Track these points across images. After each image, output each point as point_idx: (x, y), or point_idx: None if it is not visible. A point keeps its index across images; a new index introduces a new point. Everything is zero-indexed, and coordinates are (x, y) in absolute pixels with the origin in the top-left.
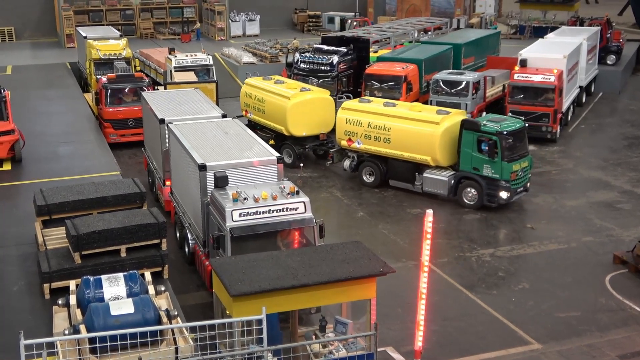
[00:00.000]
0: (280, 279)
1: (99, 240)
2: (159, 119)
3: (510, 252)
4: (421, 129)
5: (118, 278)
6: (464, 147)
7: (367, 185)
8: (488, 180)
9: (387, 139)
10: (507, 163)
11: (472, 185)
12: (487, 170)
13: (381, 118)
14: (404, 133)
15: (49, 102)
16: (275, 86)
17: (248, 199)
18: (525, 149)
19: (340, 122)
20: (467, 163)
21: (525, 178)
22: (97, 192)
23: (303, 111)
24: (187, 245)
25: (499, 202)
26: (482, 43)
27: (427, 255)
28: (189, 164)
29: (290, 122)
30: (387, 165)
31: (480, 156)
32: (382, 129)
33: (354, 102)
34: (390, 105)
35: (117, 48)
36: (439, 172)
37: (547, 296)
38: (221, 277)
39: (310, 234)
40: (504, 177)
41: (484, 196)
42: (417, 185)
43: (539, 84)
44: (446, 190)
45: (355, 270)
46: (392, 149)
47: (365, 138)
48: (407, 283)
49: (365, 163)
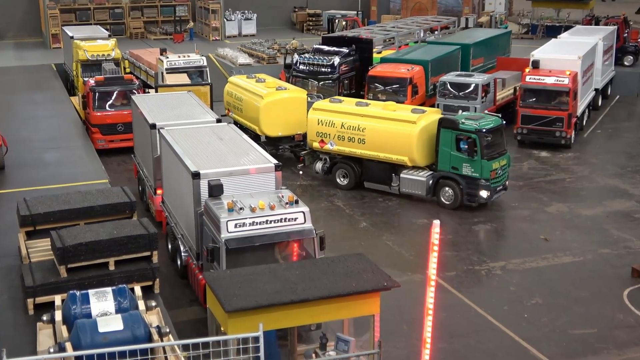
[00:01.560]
0: (279, 294)
1: (86, 252)
2: (150, 124)
3: (522, 265)
4: (397, 128)
5: (106, 293)
6: (442, 146)
7: (341, 187)
8: (468, 180)
9: (361, 140)
10: (486, 161)
11: (449, 185)
12: (466, 169)
13: (355, 118)
14: (379, 133)
15: (33, 105)
16: (252, 84)
17: (244, 209)
18: (504, 146)
19: (312, 123)
20: (445, 162)
21: (504, 176)
22: (84, 202)
23: (277, 111)
24: (179, 257)
25: (479, 202)
26: (491, 43)
27: (434, 269)
28: (182, 172)
29: (264, 121)
30: (362, 166)
31: (459, 155)
32: (356, 130)
33: (325, 102)
34: (363, 105)
35: (105, 49)
36: (416, 172)
37: (562, 312)
38: (215, 291)
39: (310, 246)
40: (483, 175)
41: (464, 196)
42: (394, 186)
43: (552, 87)
44: (424, 191)
45: (358, 285)
46: (367, 150)
47: (339, 139)
48: (413, 298)
49: (339, 165)
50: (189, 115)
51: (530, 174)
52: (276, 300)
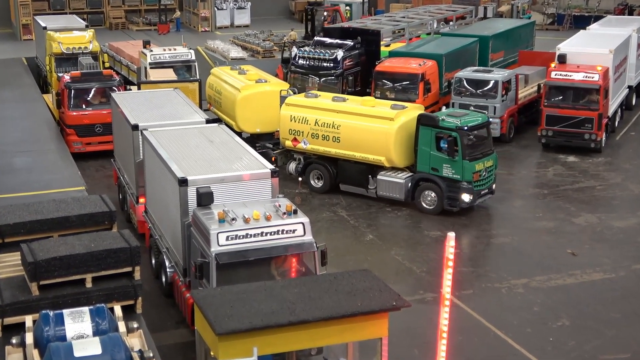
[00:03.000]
0: (275, 314)
1: (60, 267)
2: (132, 125)
3: (547, 282)
4: (374, 125)
5: (83, 313)
6: (421, 145)
7: (316, 190)
8: (448, 182)
9: (336, 138)
10: (468, 162)
11: (430, 188)
12: (447, 170)
13: (329, 114)
14: (355, 131)
15: (1, 104)
16: (232, 76)
17: (237, 220)
18: (490, 146)
19: (284, 119)
20: (425, 163)
21: (490, 179)
22: (58, 211)
23: (255, 105)
24: (164, 274)
25: (460, 206)
26: (513, 35)
27: (448, 287)
28: (167, 178)
29: (240, 116)
30: (337, 167)
31: (439, 155)
32: (330, 127)
33: (300, 97)
34: (340, 101)
35: (82, 41)
36: (394, 173)
37: (591, 335)
38: (205, 311)
39: (311, 261)
40: (465, 177)
41: (445, 199)
42: (371, 189)
43: (581, 84)
44: (403, 194)
45: (364, 304)
46: (342, 149)
47: (312, 137)
48: (425, 319)
49: (313, 165)
50: (175, 115)
51: (556, 181)
52: (272, 322)
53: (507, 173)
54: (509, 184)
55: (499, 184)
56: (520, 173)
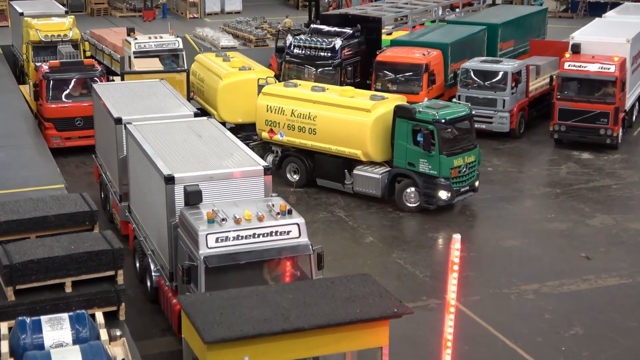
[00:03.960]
0: (268, 322)
1: (37, 271)
2: (115, 118)
3: (559, 288)
4: (350, 117)
5: (62, 320)
6: (397, 138)
7: (291, 185)
8: (425, 178)
9: (312, 130)
10: (446, 157)
11: (411, 184)
12: (423, 165)
13: (306, 105)
14: (331, 122)
15: None
16: (216, 63)
17: (227, 220)
18: (472, 141)
19: (261, 110)
20: (401, 157)
21: (471, 175)
22: (35, 211)
23: (238, 94)
24: (149, 278)
25: (437, 204)
26: (524, 23)
27: (453, 292)
28: (153, 176)
29: (222, 106)
30: (314, 161)
31: (416, 149)
32: (306, 118)
33: (278, 86)
34: (319, 90)
35: (61, 28)
36: (371, 168)
37: (606, 344)
38: (193, 318)
39: (306, 265)
40: (442, 173)
41: (421, 197)
42: (348, 184)
43: (596, 76)
44: (379, 190)
45: (363, 311)
46: (318, 142)
47: (289, 129)
48: (429, 327)
49: (290, 159)
50: (161, 108)
51: (569, 179)
52: (265, 330)
53: (517, 171)
54: (519, 183)
55: (508, 183)
56: (530, 171)
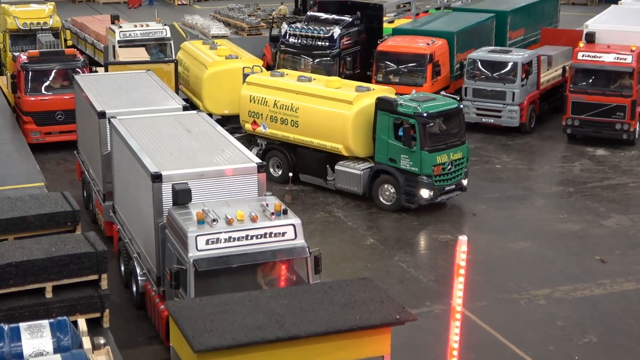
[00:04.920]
0: (261, 329)
1: (16, 275)
2: (98, 112)
3: (572, 293)
4: (331, 110)
5: (42, 327)
6: (379, 132)
7: (274, 180)
8: (407, 175)
9: (294, 122)
10: (427, 153)
11: (389, 181)
12: (404, 162)
13: (289, 96)
14: (313, 115)
15: None
16: (202, 51)
17: (218, 221)
18: (459, 136)
19: (244, 100)
20: (383, 153)
21: (458, 174)
22: (13, 211)
23: (224, 84)
24: (135, 282)
25: (419, 203)
26: (535, 10)
27: (459, 297)
28: (139, 173)
29: (207, 96)
30: (296, 155)
31: (397, 144)
32: (289, 109)
33: (263, 75)
34: (305, 81)
35: (41, 15)
36: (353, 164)
37: (622, 353)
38: (181, 326)
39: (303, 269)
40: (423, 170)
41: (402, 195)
42: (330, 180)
43: (612, 67)
44: (360, 187)
45: (363, 318)
46: (301, 135)
47: (271, 120)
48: (433, 334)
49: (272, 152)
50: (147, 101)
51: (583, 177)
52: (258, 338)
53: (527, 168)
54: (530, 181)
55: (518, 181)
56: (542, 168)
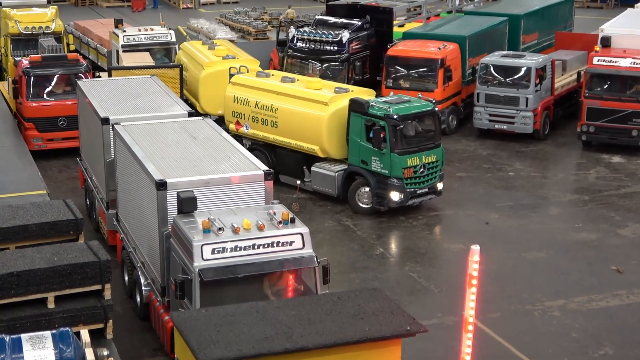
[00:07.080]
0: (269, 341)
1: (17, 285)
2: (102, 118)
3: (587, 304)
4: (308, 111)
5: (44, 338)
6: (351, 134)
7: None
8: (378, 178)
9: (274, 123)
10: (397, 155)
11: (366, 184)
12: (375, 164)
13: (269, 96)
14: (290, 115)
15: None
16: (200, 51)
17: (224, 230)
18: (434, 139)
19: (228, 100)
20: (355, 155)
21: (432, 177)
22: (15, 219)
23: (220, 84)
24: (139, 293)
25: (389, 205)
26: (549, 14)
27: (472, 309)
28: (143, 181)
29: (203, 96)
30: (276, 155)
31: (369, 146)
32: (269, 110)
33: (247, 76)
34: (288, 81)
35: (43, 19)
36: (329, 165)
37: None
38: (186, 337)
39: (311, 279)
40: (394, 173)
41: (373, 197)
42: (307, 182)
43: (628, 72)
44: (335, 189)
45: (373, 329)
46: (280, 136)
47: (253, 121)
48: (445, 347)
49: (255, 153)
50: (152, 107)
51: (599, 185)
52: (265, 349)
53: (541, 176)
54: (544, 189)
55: (532, 189)
56: (556, 176)
